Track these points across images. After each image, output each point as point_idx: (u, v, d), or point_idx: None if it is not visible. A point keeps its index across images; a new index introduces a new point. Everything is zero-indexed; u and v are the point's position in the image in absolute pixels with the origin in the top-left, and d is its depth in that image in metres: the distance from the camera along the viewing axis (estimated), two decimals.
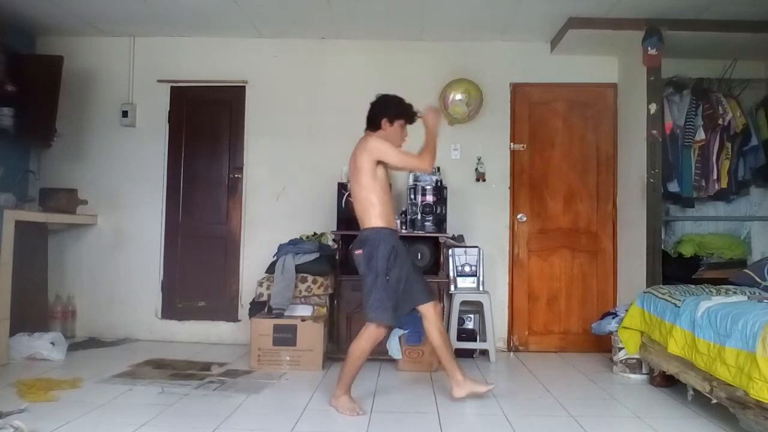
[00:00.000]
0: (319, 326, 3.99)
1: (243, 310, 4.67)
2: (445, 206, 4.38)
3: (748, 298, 3.11)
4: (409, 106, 3.17)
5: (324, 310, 4.16)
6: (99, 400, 3.05)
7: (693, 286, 3.69)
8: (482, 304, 4.39)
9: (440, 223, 4.34)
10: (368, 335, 2.98)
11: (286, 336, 3.93)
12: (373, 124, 3.15)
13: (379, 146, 3.00)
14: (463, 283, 4.42)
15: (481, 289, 4.43)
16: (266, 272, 4.25)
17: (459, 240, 4.58)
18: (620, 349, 3.85)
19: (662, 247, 4.23)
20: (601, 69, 4.80)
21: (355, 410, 2.93)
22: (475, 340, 4.43)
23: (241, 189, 4.87)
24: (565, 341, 4.72)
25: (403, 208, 4.51)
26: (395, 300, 2.96)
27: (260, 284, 4.21)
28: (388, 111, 3.12)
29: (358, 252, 3.00)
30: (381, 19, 4.48)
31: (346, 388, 3.01)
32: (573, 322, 4.74)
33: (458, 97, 4.61)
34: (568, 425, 2.85)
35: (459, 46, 4.83)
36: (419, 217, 4.33)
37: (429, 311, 3.08)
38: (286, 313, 4.06)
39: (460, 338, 4.36)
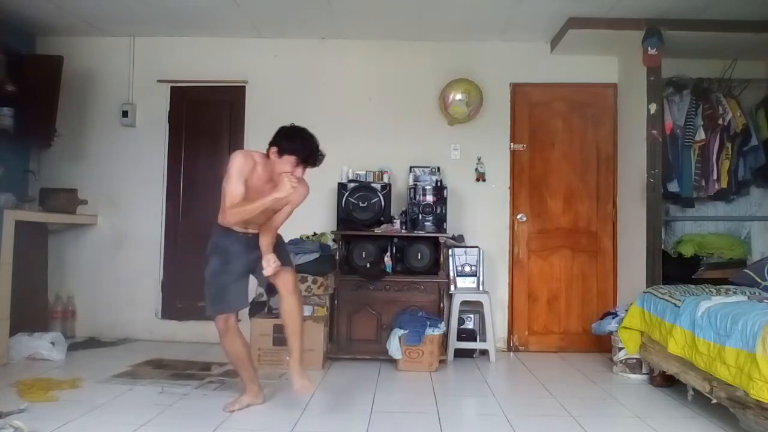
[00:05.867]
0: (319, 326, 3.99)
1: (243, 310, 4.65)
2: (445, 206, 4.38)
3: (748, 298, 3.11)
4: (306, 150, 2.86)
5: (324, 310, 4.16)
6: (99, 400, 3.05)
7: (693, 286, 3.70)
8: (482, 304, 4.39)
9: (440, 223, 4.34)
10: (218, 330, 3.05)
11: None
12: (269, 149, 2.86)
13: (230, 165, 2.80)
14: (463, 283, 4.42)
15: (481, 289, 4.43)
16: None
17: (459, 240, 4.58)
18: (620, 349, 3.85)
19: (662, 247, 4.23)
20: (601, 69, 4.80)
21: (235, 405, 2.98)
22: (475, 340, 4.43)
23: None
24: (565, 341, 4.72)
25: (403, 208, 4.51)
26: (212, 293, 3.02)
27: None
28: (278, 145, 2.82)
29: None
30: (381, 19, 4.47)
31: (243, 387, 3.10)
32: (573, 322, 4.74)
33: (458, 97, 4.61)
34: (568, 425, 2.85)
35: (459, 46, 4.83)
36: (419, 217, 4.33)
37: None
38: None
39: (460, 338, 4.36)
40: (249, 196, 2.77)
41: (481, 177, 4.78)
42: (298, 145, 2.81)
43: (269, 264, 2.88)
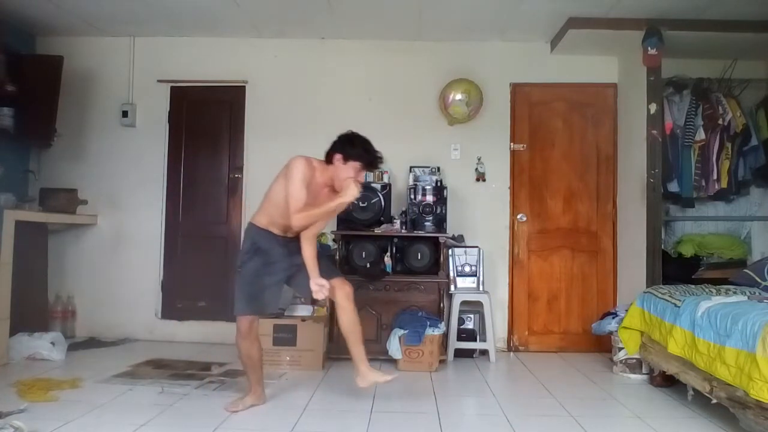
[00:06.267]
0: (319, 326, 3.99)
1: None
2: (445, 206, 4.38)
3: (748, 298, 3.11)
4: (370, 155, 3.00)
5: (324, 310, 4.16)
6: (99, 400, 3.05)
7: (693, 286, 3.70)
8: (482, 304, 4.39)
9: (440, 223, 4.34)
10: (238, 329, 2.99)
11: (286, 336, 3.94)
12: (329, 155, 2.97)
13: (292, 169, 2.87)
14: (463, 283, 4.42)
15: (481, 289, 4.43)
16: None
17: (459, 240, 4.58)
18: (620, 349, 3.85)
19: (662, 247, 4.23)
20: (601, 69, 4.80)
21: (238, 406, 2.97)
22: (475, 340, 4.43)
23: (241, 189, 4.87)
24: (565, 341, 4.72)
25: (403, 208, 4.51)
26: (248, 292, 2.95)
27: None
28: (342, 151, 2.94)
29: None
30: (381, 19, 4.47)
31: (248, 387, 3.07)
32: (573, 322, 4.74)
33: (458, 97, 4.61)
34: (568, 425, 2.85)
35: (459, 46, 4.83)
36: (419, 217, 4.33)
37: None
38: (286, 313, 4.07)
39: (460, 338, 4.36)
40: (307, 200, 2.84)
41: (481, 177, 4.78)
42: (361, 151, 2.93)
43: (322, 290, 2.91)
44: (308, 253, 2.99)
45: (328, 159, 2.95)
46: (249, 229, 3.05)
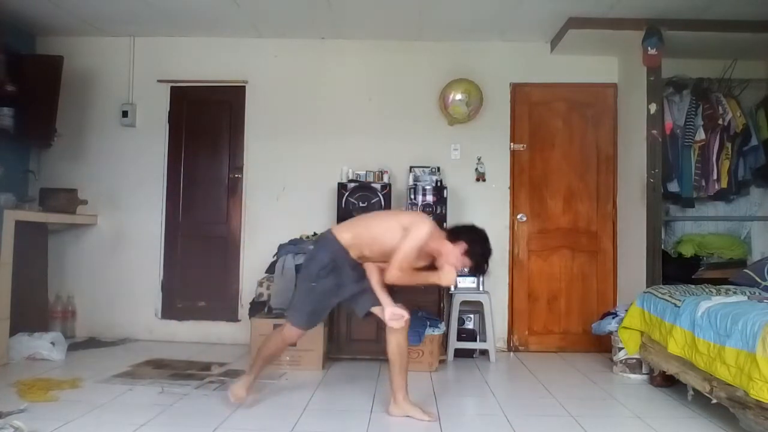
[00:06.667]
0: (319, 326, 3.98)
1: (243, 310, 4.67)
2: (445, 206, 4.38)
3: (748, 298, 3.11)
4: (484, 264, 2.98)
5: None
6: (99, 400, 3.05)
7: (693, 286, 3.69)
8: (482, 304, 4.39)
9: (440, 223, 4.32)
10: (282, 333, 2.97)
11: None
12: (454, 236, 2.89)
13: (419, 231, 2.79)
14: (463, 283, 4.42)
15: (481, 289, 4.43)
16: (266, 272, 4.26)
17: None
18: (620, 349, 3.85)
19: (662, 247, 4.23)
20: (601, 69, 4.80)
21: (241, 398, 2.96)
22: (475, 340, 4.43)
23: (241, 189, 4.87)
24: (565, 341, 4.72)
25: (403, 208, 4.51)
26: (314, 309, 2.92)
27: (260, 284, 4.21)
28: (469, 243, 2.87)
29: (310, 247, 3.02)
30: (381, 19, 4.47)
31: (248, 384, 3.00)
32: (573, 322, 4.74)
33: (458, 97, 4.61)
34: (568, 425, 2.85)
35: (459, 46, 4.83)
36: None
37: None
38: (286, 313, 4.06)
39: (460, 338, 4.36)
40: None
41: (481, 177, 4.78)
42: (481, 257, 2.90)
43: (400, 320, 2.87)
44: (379, 279, 2.92)
45: (452, 237, 2.87)
46: (330, 241, 2.90)
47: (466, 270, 2.95)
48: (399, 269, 2.75)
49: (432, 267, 2.93)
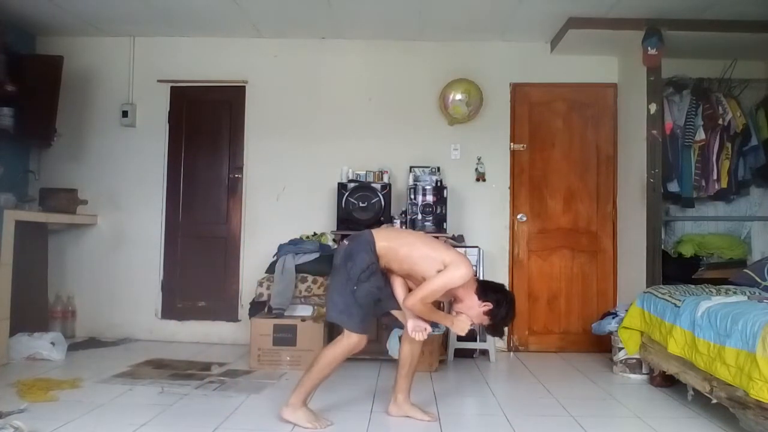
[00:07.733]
0: (319, 326, 3.99)
1: (243, 310, 4.67)
2: (445, 206, 4.38)
3: (748, 298, 3.12)
4: (501, 330, 2.94)
5: (324, 310, 4.15)
6: (99, 400, 3.05)
7: (693, 286, 3.69)
8: None
9: (440, 223, 4.34)
10: (347, 343, 2.77)
11: (286, 336, 3.93)
12: (483, 293, 2.79)
13: (455, 272, 2.69)
14: None
15: None
16: (266, 272, 4.25)
17: (459, 240, 4.58)
18: (620, 349, 3.85)
19: (662, 247, 4.23)
20: (601, 69, 4.80)
21: (317, 422, 2.73)
22: (475, 340, 4.43)
23: (241, 189, 4.87)
24: (565, 341, 4.72)
25: (403, 208, 4.51)
26: (367, 312, 2.82)
27: (260, 284, 4.21)
28: (495, 305, 2.77)
29: (345, 242, 2.86)
30: (381, 19, 4.48)
31: (304, 397, 2.79)
32: (573, 322, 4.74)
33: (458, 97, 4.61)
34: (568, 425, 2.85)
35: (459, 46, 4.83)
36: (419, 217, 4.33)
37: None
38: (286, 313, 4.07)
39: (459, 338, 4.36)
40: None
41: (481, 177, 4.78)
42: (501, 321, 2.82)
43: (423, 332, 2.81)
44: (400, 289, 2.87)
45: (481, 294, 2.76)
46: (369, 244, 2.77)
47: (482, 326, 2.89)
48: (419, 302, 2.68)
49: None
